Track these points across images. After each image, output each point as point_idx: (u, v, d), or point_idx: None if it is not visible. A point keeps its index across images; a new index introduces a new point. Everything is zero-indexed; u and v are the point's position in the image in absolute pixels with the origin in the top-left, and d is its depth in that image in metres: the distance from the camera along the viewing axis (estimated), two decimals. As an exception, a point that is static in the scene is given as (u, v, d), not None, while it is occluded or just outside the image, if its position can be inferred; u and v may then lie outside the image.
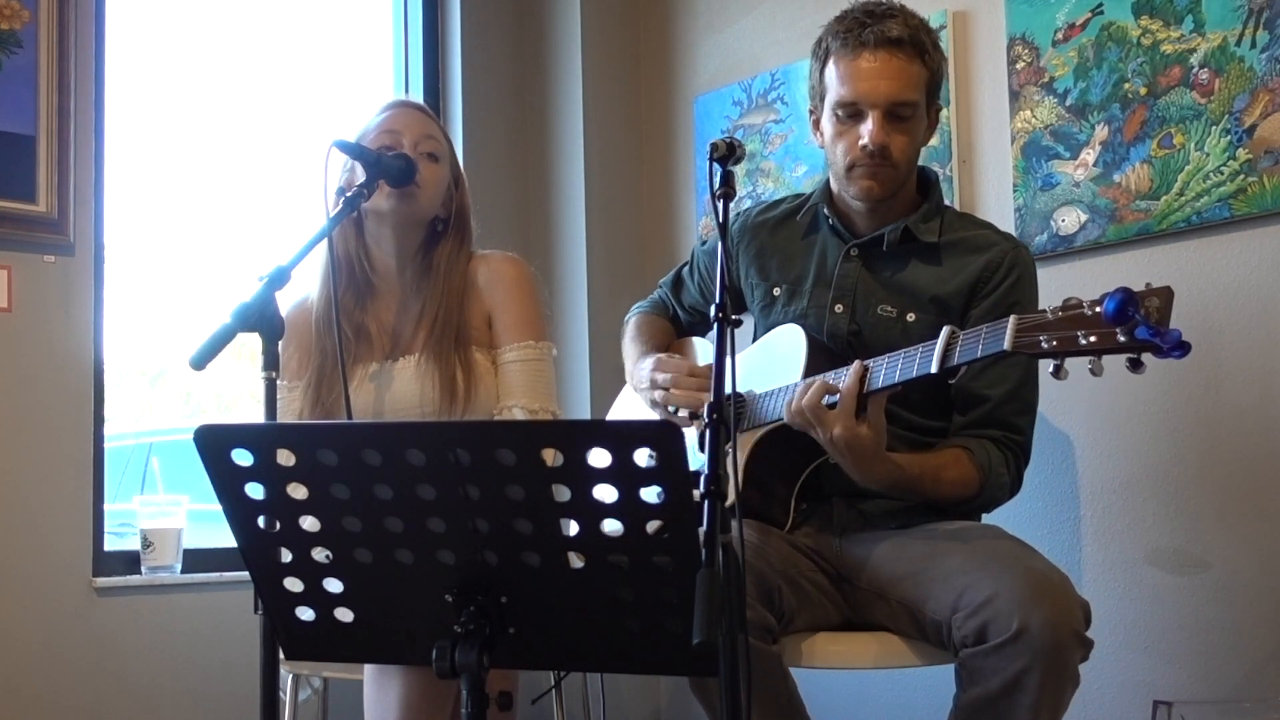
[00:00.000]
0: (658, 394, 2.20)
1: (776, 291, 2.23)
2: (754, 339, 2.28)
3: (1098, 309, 1.58)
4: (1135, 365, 1.57)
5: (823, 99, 2.11)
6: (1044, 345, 1.63)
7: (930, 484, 1.98)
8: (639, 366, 2.30)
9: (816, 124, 2.16)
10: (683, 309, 2.48)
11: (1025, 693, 1.74)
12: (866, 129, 2.02)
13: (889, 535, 2.06)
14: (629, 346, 2.44)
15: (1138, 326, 1.53)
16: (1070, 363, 1.63)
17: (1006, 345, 1.66)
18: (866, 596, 2.04)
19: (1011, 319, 1.68)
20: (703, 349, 2.43)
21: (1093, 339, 1.59)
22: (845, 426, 1.83)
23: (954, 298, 2.07)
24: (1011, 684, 1.74)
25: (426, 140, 2.22)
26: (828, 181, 2.21)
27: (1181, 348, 1.52)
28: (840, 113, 2.06)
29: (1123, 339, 1.55)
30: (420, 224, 2.25)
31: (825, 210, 2.19)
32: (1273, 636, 2.27)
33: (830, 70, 2.08)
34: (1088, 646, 1.79)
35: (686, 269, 2.48)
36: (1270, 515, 2.29)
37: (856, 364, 1.85)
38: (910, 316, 2.08)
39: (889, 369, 1.83)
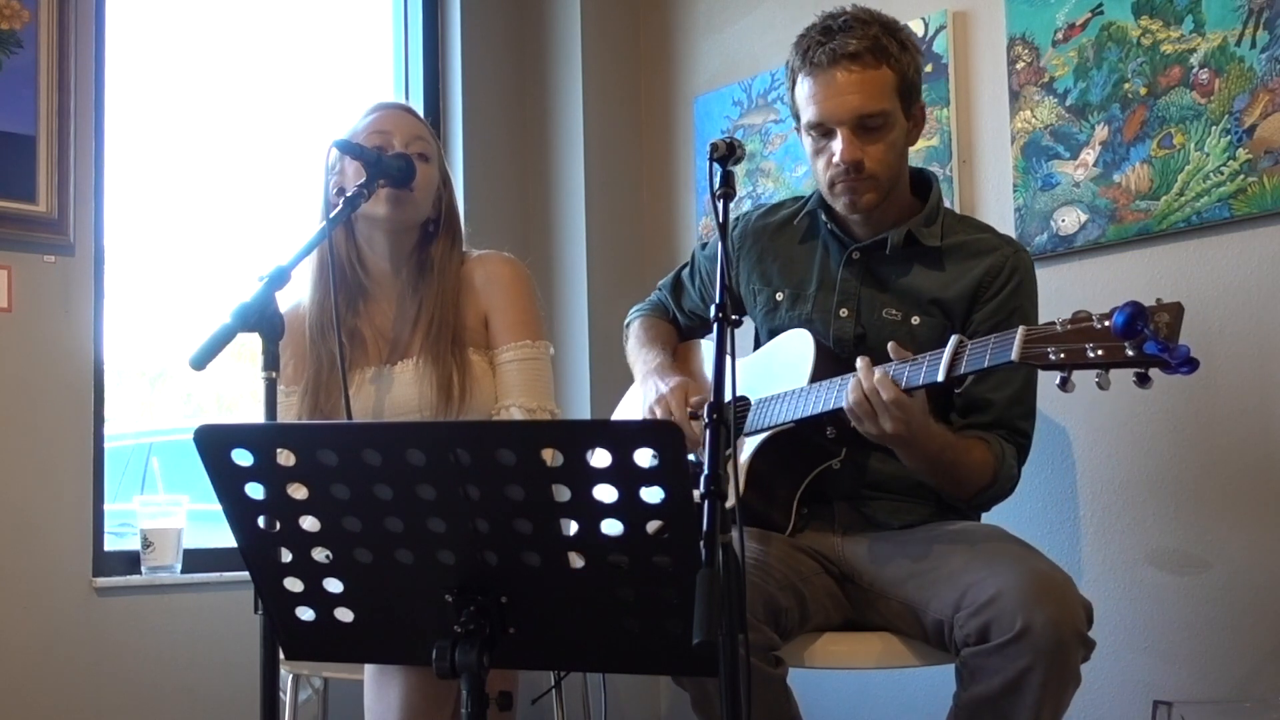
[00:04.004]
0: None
1: (779, 297, 2.22)
2: (755, 344, 2.27)
3: (1106, 323, 1.57)
4: (1143, 380, 1.57)
5: (799, 118, 2.11)
6: (1051, 357, 1.63)
7: (963, 453, 1.96)
8: (660, 380, 2.24)
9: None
10: (681, 313, 2.47)
11: (1027, 692, 1.74)
12: (837, 146, 2.02)
13: (892, 536, 2.06)
14: (639, 351, 2.40)
15: (1146, 341, 1.52)
16: (1077, 375, 1.62)
17: (1014, 356, 1.66)
18: (869, 596, 2.04)
19: (1020, 330, 1.67)
20: (708, 351, 2.41)
21: (1100, 352, 1.58)
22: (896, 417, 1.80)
23: (957, 301, 2.07)
24: (1013, 683, 1.75)
25: (416, 141, 2.22)
26: None
27: (1190, 364, 1.52)
28: (813, 133, 2.06)
29: (1131, 354, 1.55)
30: (414, 226, 2.25)
31: (823, 216, 2.18)
32: (1273, 636, 2.27)
33: (799, 91, 2.08)
34: (1089, 647, 1.79)
35: (686, 271, 2.47)
36: (1270, 515, 2.29)
37: (885, 373, 1.81)
38: (915, 320, 2.08)
39: (896, 375, 1.82)
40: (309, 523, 1.41)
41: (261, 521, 1.42)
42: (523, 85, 3.53)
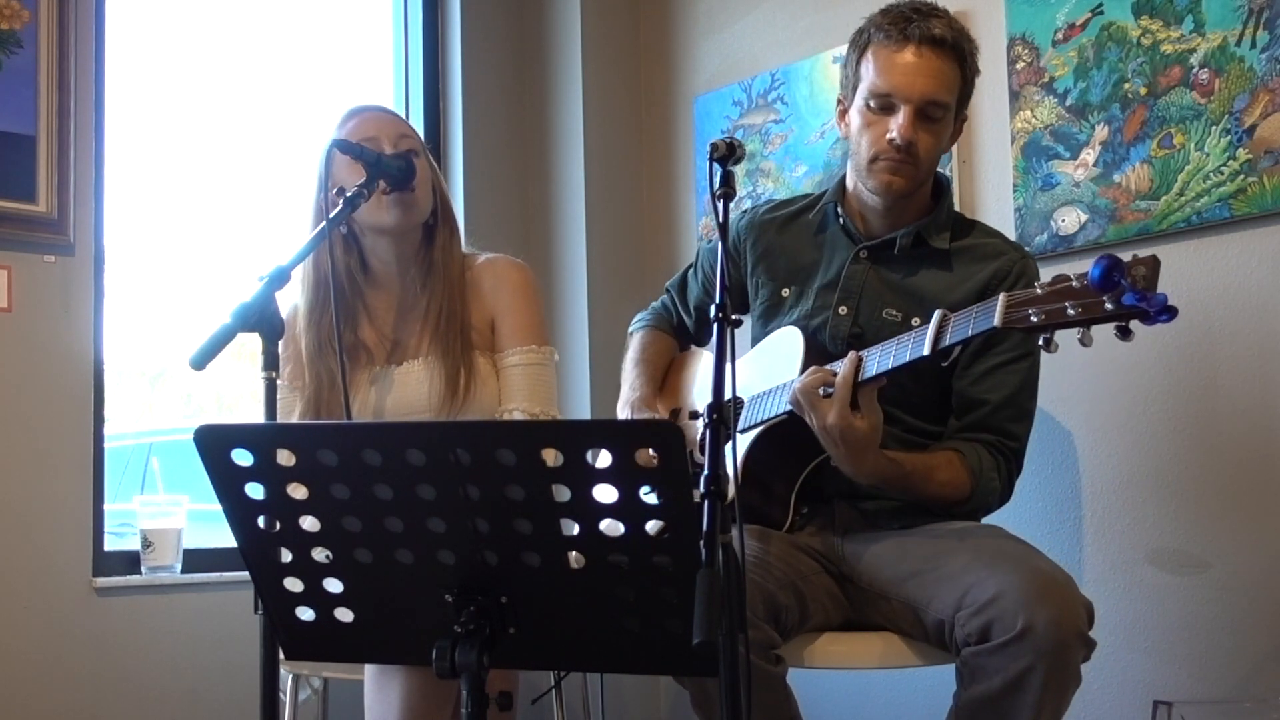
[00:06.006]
0: None
1: (785, 292, 2.22)
2: (752, 340, 2.27)
3: (1085, 280, 1.58)
4: (1124, 334, 1.58)
5: (855, 88, 2.10)
6: (1033, 319, 1.64)
7: (921, 482, 1.99)
8: (636, 412, 2.30)
9: (843, 114, 2.16)
10: (687, 312, 2.47)
11: (1028, 692, 1.74)
12: (896, 123, 2.02)
13: (891, 535, 2.06)
14: (628, 371, 2.42)
15: (1124, 293, 1.53)
16: (1061, 336, 1.64)
17: (997, 321, 1.67)
18: (869, 596, 2.04)
19: (1001, 296, 1.69)
20: (706, 359, 2.41)
21: (1080, 309, 1.59)
22: (839, 415, 1.83)
23: (961, 304, 2.06)
24: (1014, 683, 1.75)
25: (404, 140, 2.21)
26: (841, 180, 2.21)
27: (1168, 311, 1.52)
28: (872, 103, 2.05)
29: (1110, 306, 1.56)
30: (418, 226, 2.25)
31: (838, 209, 2.18)
32: (1273, 636, 2.27)
33: (868, 60, 2.07)
34: (1090, 647, 1.79)
35: (692, 270, 2.47)
36: (1270, 515, 2.29)
37: (851, 354, 1.86)
38: (915, 321, 2.07)
39: (883, 356, 1.84)
40: (309, 523, 1.40)
41: (261, 521, 1.42)
42: (523, 85, 3.53)
